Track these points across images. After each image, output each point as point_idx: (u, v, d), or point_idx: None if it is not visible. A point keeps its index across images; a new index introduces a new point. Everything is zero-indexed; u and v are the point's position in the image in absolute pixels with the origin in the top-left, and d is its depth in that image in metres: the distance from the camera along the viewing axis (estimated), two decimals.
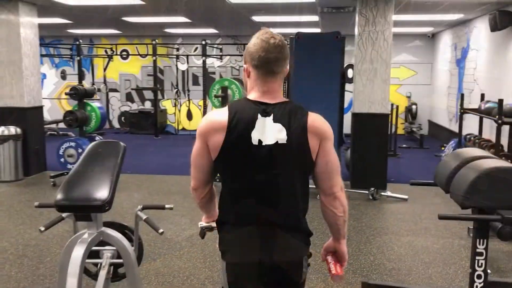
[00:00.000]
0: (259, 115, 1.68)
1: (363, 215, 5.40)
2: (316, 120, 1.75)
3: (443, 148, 9.80)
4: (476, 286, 2.75)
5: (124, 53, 13.22)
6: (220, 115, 1.70)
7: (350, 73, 6.45)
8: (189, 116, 13.00)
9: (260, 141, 1.67)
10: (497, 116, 6.10)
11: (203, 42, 11.06)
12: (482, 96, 7.77)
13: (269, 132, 1.67)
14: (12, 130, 6.83)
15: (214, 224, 1.89)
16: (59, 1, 7.06)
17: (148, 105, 13.29)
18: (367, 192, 6.10)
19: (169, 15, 8.82)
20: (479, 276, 2.75)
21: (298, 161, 1.72)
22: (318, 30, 10.52)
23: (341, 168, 1.95)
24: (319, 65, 6.12)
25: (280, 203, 1.72)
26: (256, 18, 9.13)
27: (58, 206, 2.19)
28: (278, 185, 1.71)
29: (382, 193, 6.06)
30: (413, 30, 11.34)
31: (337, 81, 6.16)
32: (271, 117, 1.69)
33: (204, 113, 11.60)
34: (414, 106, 12.05)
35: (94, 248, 2.43)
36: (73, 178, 2.30)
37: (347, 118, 6.74)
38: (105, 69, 12.69)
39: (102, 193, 2.20)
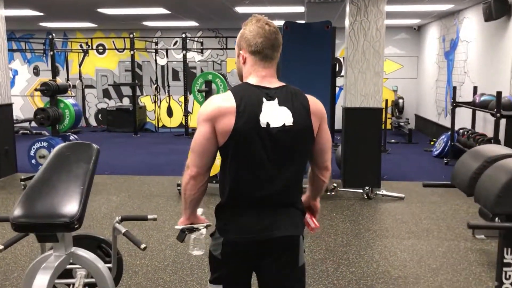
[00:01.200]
0: (264, 99, 1.73)
1: (360, 216, 5.06)
2: (316, 102, 1.84)
3: (432, 143, 9.57)
4: None
5: (100, 47, 12.66)
6: (226, 99, 1.72)
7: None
8: (170, 112, 12.53)
9: (268, 124, 1.71)
10: (495, 109, 5.84)
11: (183, 36, 10.60)
12: (475, 89, 7.53)
13: (276, 115, 1.72)
14: None
15: (196, 225, 1.87)
16: None
17: (126, 101, 12.76)
18: (361, 191, 5.77)
19: (147, 5, 8.34)
20: None
21: (303, 141, 1.79)
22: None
23: (332, 166, 2.06)
24: (309, 57, 5.77)
25: (287, 183, 1.78)
26: (240, 10, 8.72)
27: (15, 226, 1.77)
28: (285, 165, 1.77)
29: (377, 192, 5.73)
30: (399, 22, 11.06)
31: (328, 73, 5.82)
32: (276, 100, 1.74)
33: (185, 109, 11.15)
34: (400, 100, 11.80)
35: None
36: (34, 189, 1.88)
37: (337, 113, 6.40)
38: (80, 65, 12.12)
39: (70, 207, 1.79)
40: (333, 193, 5.75)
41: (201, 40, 11.85)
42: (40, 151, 6.09)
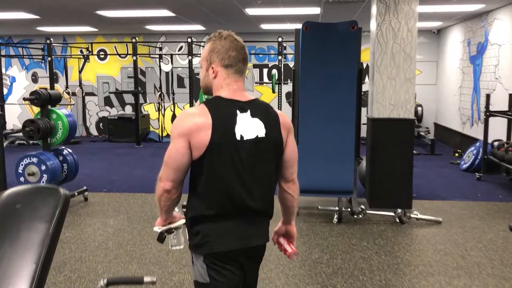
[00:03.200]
0: (237, 111, 1.76)
1: (395, 246, 4.35)
2: (284, 115, 1.91)
3: (457, 155, 8.86)
4: None
5: (102, 53, 12.03)
6: (202, 114, 1.73)
7: None
8: None
9: (241, 136, 1.75)
10: None
11: (189, 40, 9.96)
12: (511, 96, 6.82)
13: (249, 127, 1.77)
14: None
15: (173, 225, 1.91)
16: None
17: (129, 110, 12.12)
18: (391, 213, 5.07)
19: (151, 7, 7.71)
20: None
21: (275, 153, 1.85)
22: None
23: (356, 182, 1.84)
24: (331, 60, 5.08)
25: (261, 192, 1.83)
26: (250, 11, 8.07)
27: None
28: (260, 176, 1.82)
29: (411, 215, 5.02)
30: (418, 25, 10.36)
31: (353, 78, 5.12)
32: (248, 112, 1.78)
33: None
34: (419, 108, 11.08)
35: None
36: None
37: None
38: (80, 71, 11.48)
39: None
40: (360, 216, 5.05)
41: None
42: (29, 167, 5.42)
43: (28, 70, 12.43)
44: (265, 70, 11.77)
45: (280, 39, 9.35)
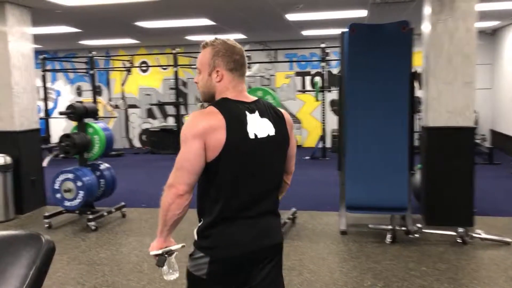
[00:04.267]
0: (247, 112, 1.77)
1: (459, 271, 3.85)
2: (286, 113, 1.93)
3: None
4: None
5: (144, 65, 12.01)
6: (214, 114, 1.73)
7: None
8: None
9: (255, 135, 1.76)
10: None
11: None
12: None
13: (260, 126, 1.78)
14: (0, 159, 5.58)
15: (174, 247, 1.81)
16: (54, 1, 5.82)
17: (171, 121, 12.02)
18: (452, 233, 4.56)
19: (190, 16, 7.52)
20: None
21: (284, 149, 1.90)
22: None
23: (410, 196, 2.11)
24: (381, 66, 4.67)
25: (274, 191, 1.88)
26: (290, 17, 7.74)
27: None
28: (273, 174, 1.86)
29: (475, 235, 4.50)
30: None
31: (405, 84, 4.68)
32: (257, 113, 1.80)
33: None
34: (474, 114, 10.35)
35: None
36: None
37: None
38: (123, 84, 11.48)
39: None
40: (416, 235, 4.57)
41: (249, 54, 10.93)
42: (65, 184, 5.26)
43: (73, 84, 12.58)
44: (307, 78, 11.39)
45: (323, 45, 8.97)
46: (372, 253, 4.29)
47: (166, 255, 1.79)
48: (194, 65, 11.23)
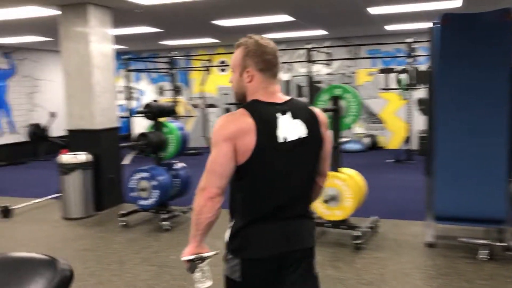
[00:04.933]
0: (278, 114, 1.75)
1: None
2: (320, 112, 1.88)
3: None
4: None
5: (223, 64, 12.04)
6: (244, 118, 1.71)
7: None
8: None
9: (285, 138, 1.74)
10: None
11: (309, 46, 9.41)
12: None
13: (291, 128, 1.76)
14: (81, 157, 5.73)
15: (206, 254, 1.77)
16: (133, 0, 5.87)
17: None
18: None
19: (269, 13, 7.33)
20: None
21: (317, 151, 1.86)
22: None
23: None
24: (477, 61, 4.16)
25: (306, 193, 1.86)
26: (373, 10, 7.28)
27: None
28: (304, 177, 1.83)
29: None
30: None
31: (504, 79, 4.13)
32: (289, 114, 1.77)
33: None
34: None
35: None
36: None
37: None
38: (203, 83, 11.58)
39: None
40: None
41: (329, 51, 10.55)
42: (140, 183, 5.27)
43: (155, 83, 12.92)
44: (392, 75, 10.77)
45: (409, 40, 8.39)
46: (464, 271, 3.81)
47: (197, 262, 1.75)
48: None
